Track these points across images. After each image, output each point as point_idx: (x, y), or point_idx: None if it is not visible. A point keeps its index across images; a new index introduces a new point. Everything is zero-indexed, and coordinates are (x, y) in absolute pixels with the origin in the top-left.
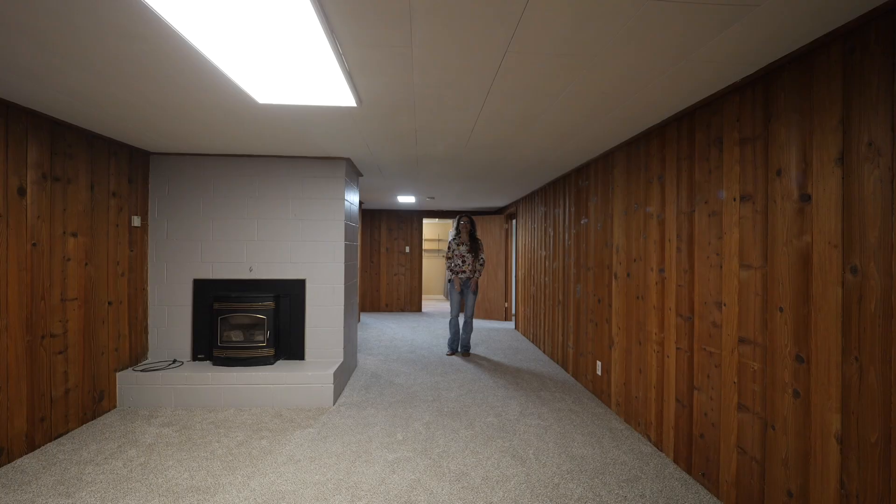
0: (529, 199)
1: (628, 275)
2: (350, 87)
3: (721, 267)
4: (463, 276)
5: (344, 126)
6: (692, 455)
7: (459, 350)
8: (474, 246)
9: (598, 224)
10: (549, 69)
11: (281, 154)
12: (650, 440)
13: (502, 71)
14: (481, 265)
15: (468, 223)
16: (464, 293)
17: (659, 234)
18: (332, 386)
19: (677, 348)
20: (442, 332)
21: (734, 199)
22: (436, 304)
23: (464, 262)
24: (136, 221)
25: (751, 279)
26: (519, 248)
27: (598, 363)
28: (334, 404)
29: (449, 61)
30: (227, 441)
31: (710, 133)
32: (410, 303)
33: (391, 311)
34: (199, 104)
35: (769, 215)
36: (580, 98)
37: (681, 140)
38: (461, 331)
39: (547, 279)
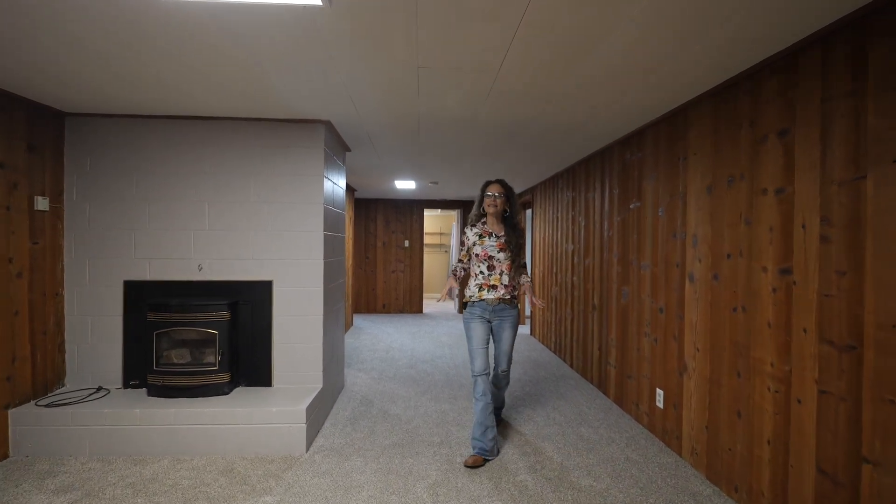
0: (551, 183)
1: (715, 276)
2: None
3: None
4: (491, 295)
5: (308, 54)
6: None
7: (486, 446)
8: (512, 236)
9: (658, 208)
10: None
11: (237, 115)
12: None
13: None
14: (526, 277)
15: (499, 196)
16: (494, 328)
17: (779, 218)
18: (304, 426)
19: (821, 392)
20: (447, 340)
21: None
22: (438, 305)
23: (491, 268)
24: (43, 204)
25: None
26: (536, 242)
27: (659, 392)
28: (308, 450)
29: None
30: None
31: None
32: (410, 303)
33: (389, 312)
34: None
35: None
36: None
37: (830, 70)
38: (492, 384)
39: (575, 279)
